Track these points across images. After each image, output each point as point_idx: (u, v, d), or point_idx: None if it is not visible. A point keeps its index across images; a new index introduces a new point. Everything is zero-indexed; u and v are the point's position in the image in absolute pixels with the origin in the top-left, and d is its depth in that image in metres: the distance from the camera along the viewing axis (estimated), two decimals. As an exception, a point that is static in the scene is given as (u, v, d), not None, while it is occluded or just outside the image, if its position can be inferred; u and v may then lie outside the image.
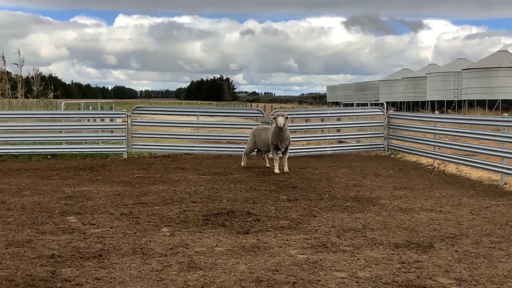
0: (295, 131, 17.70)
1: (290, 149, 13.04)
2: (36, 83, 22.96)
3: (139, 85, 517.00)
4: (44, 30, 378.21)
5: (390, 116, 16.28)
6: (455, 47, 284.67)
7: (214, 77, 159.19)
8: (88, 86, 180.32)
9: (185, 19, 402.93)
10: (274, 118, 12.07)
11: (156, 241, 6.31)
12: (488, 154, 11.69)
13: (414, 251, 6.01)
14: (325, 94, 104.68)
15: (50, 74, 42.79)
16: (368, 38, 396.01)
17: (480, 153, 12.18)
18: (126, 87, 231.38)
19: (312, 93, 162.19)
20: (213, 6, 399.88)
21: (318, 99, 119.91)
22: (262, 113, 15.82)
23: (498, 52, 53.58)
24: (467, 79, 53.13)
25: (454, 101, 55.82)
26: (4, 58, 22.53)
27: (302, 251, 5.97)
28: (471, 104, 50.61)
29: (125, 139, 15.43)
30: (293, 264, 5.49)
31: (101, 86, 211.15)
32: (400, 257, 5.77)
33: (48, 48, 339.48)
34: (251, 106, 53.69)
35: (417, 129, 15.16)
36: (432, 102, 58.78)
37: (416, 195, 9.48)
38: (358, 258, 5.71)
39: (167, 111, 18.56)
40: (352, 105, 45.88)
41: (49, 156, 15.02)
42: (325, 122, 18.29)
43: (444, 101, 56.70)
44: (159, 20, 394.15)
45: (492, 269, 5.41)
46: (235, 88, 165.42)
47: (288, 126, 12.48)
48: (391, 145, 16.06)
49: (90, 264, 5.45)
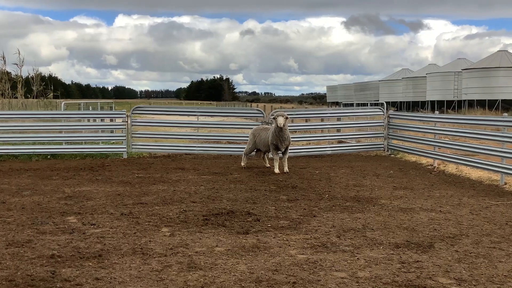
0: (295, 131, 17.70)
1: (290, 149, 13.04)
2: (36, 83, 22.93)
3: (139, 85, 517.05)
4: (44, 30, 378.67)
5: (390, 116, 16.28)
6: (455, 47, 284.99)
7: (214, 77, 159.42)
8: (88, 86, 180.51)
9: (185, 19, 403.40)
10: (274, 118, 12.08)
11: (156, 241, 6.31)
12: (488, 154, 11.69)
13: (414, 251, 6.01)
14: (325, 94, 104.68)
15: (50, 74, 42.79)
16: (368, 38, 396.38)
17: (480, 153, 12.18)
18: (126, 87, 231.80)
19: (312, 93, 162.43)
20: (213, 6, 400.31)
21: (318, 99, 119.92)
22: (262, 113, 15.82)
23: (498, 52, 53.57)
24: (467, 79, 53.13)
25: (454, 101, 55.83)
26: (5, 58, 22.56)
27: (302, 251, 5.97)
28: (471, 104, 50.60)
29: (125, 139, 15.43)
30: (293, 264, 5.49)
31: (101, 86, 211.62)
32: (400, 257, 5.77)
33: (48, 48, 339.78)
34: (251, 106, 53.70)
35: (417, 129, 15.16)
36: (432, 102, 58.78)
37: (416, 195, 9.48)
38: (358, 258, 5.71)
39: (167, 111, 18.56)
40: (352, 105, 45.89)
41: (49, 156, 15.03)
42: (325, 122, 18.29)
43: (444, 101, 56.70)
44: (159, 20, 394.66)
45: (492, 269, 5.41)
46: (235, 88, 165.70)
47: (288, 126, 12.48)
48: (391, 145, 16.06)
49: (90, 264, 5.45)
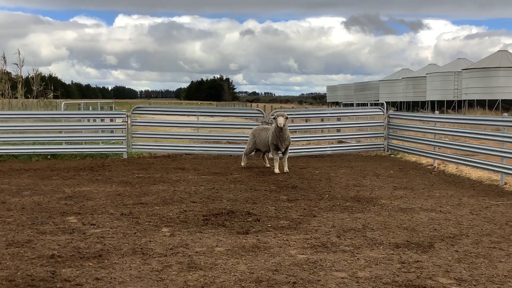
0: (295, 131, 17.70)
1: (290, 149, 13.04)
2: (36, 83, 22.93)
3: (139, 85, 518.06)
4: (44, 30, 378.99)
5: (390, 116, 16.28)
6: (455, 47, 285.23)
7: (214, 77, 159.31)
8: (88, 86, 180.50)
9: (185, 19, 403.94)
10: (274, 118, 12.07)
11: (156, 241, 6.31)
12: (488, 154, 11.69)
13: (414, 251, 6.01)
14: (325, 94, 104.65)
15: (50, 74, 42.79)
16: (368, 38, 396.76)
17: (480, 153, 12.18)
18: (126, 87, 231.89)
19: (312, 93, 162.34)
20: (213, 6, 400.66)
21: (318, 99, 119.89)
22: (262, 113, 15.82)
23: (498, 52, 53.55)
24: (467, 79, 53.12)
25: (454, 101, 55.81)
26: (5, 58, 22.57)
27: (302, 251, 5.97)
28: (471, 104, 50.58)
29: (125, 139, 15.43)
30: (293, 264, 5.49)
31: (101, 86, 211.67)
32: (400, 257, 5.77)
33: (48, 48, 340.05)
34: (251, 106, 53.74)
35: (417, 129, 15.16)
36: (432, 102, 58.77)
37: (416, 195, 9.48)
38: (358, 258, 5.71)
39: (167, 111, 18.55)
40: (352, 105, 45.89)
41: (49, 156, 15.03)
42: (325, 122, 18.29)
43: (444, 101, 56.68)
44: (159, 20, 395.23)
45: (492, 269, 5.41)
46: (235, 88, 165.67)
47: (288, 126, 12.48)
48: (391, 145, 16.06)
49: (90, 264, 5.45)
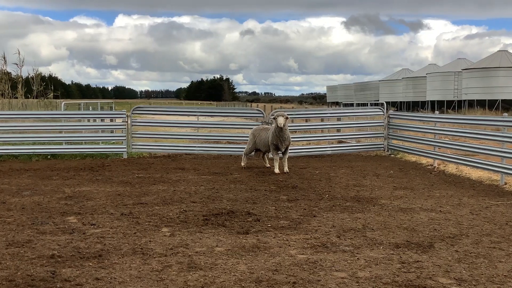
0: (295, 131, 17.70)
1: (290, 149, 13.04)
2: (36, 83, 22.93)
3: (139, 85, 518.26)
4: (44, 30, 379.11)
5: (390, 116, 16.28)
6: (455, 47, 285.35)
7: (214, 77, 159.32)
8: (88, 86, 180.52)
9: (185, 19, 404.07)
10: (274, 118, 12.07)
11: (156, 241, 6.31)
12: (488, 154, 11.69)
13: (414, 251, 6.01)
14: (325, 94, 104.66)
15: (50, 74, 42.77)
16: (368, 38, 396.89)
17: (480, 153, 12.18)
18: (126, 87, 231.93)
19: (312, 93, 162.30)
20: (213, 6, 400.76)
21: (318, 99, 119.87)
22: (262, 113, 15.82)
23: (498, 52, 53.55)
24: (467, 79, 53.12)
25: (454, 101, 55.81)
26: (5, 58, 22.57)
27: (302, 251, 5.97)
28: (471, 104, 50.58)
29: (125, 139, 15.43)
30: (293, 264, 5.49)
31: (101, 86, 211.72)
32: (400, 257, 5.77)
33: (48, 48, 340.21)
34: (251, 106, 53.74)
35: (417, 129, 15.16)
36: (432, 102, 58.77)
37: (416, 195, 9.48)
38: (358, 258, 5.71)
39: (167, 111, 18.55)
40: (352, 105, 45.88)
41: (49, 156, 15.03)
42: (325, 122, 18.30)
43: (444, 101, 56.68)
44: (159, 20, 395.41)
45: (492, 269, 5.41)
46: (235, 88, 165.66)
47: (288, 126, 12.48)
48: (391, 145, 16.06)
49: (90, 264, 5.45)
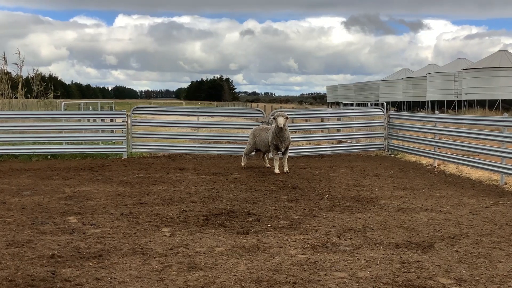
0: (295, 131, 17.70)
1: (290, 149, 13.04)
2: (36, 83, 22.92)
3: (139, 85, 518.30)
4: (44, 30, 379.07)
5: (390, 116, 16.28)
6: (455, 47, 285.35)
7: (214, 77, 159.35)
8: (88, 86, 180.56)
9: (185, 19, 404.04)
10: (274, 118, 12.07)
11: (156, 241, 6.31)
12: (488, 154, 11.69)
13: (414, 251, 6.01)
14: (325, 94, 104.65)
15: (50, 74, 42.73)
16: (368, 38, 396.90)
17: (480, 153, 12.18)
18: (126, 87, 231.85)
19: (312, 93, 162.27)
20: (213, 6, 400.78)
21: (318, 99, 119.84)
22: (262, 113, 15.83)
23: (498, 52, 53.54)
24: (467, 79, 53.12)
25: (454, 101, 55.81)
26: (6, 58, 22.57)
27: (302, 251, 5.97)
28: (471, 104, 50.57)
29: (125, 139, 15.43)
30: (293, 264, 5.49)
31: (101, 86, 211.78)
32: (400, 257, 5.77)
33: (48, 48, 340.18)
34: (251, 106, 53.74)
35: (417, 129, 15.16)
36: (432, 102, 58.77)
37: (416, 195, 9.48)
38: (358, 258, 5.71)
39: (167, 111, 18.55)
40: (352, 105, 45.85)
41: (49, 156, 15.03)
42: (325, 122, 18.30)
43: (444, 101, 56.68)
44: (159, 20, 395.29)
45: (492, 269, 5.41)
46: (235, 88, 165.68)
47: (288, 126, 12.48)
48: (391, 145, 16.06)
49: (90, 264, 5.45)
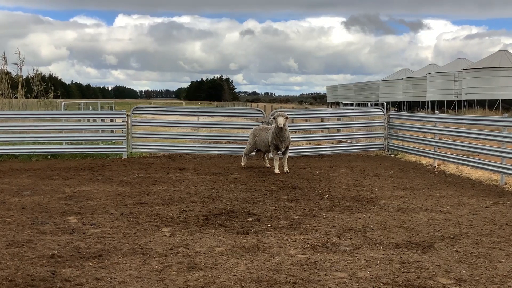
0: (295, 131, 17.70)
1: (290, 149, 13.04)
2: (36, 83, 22.93)
3: (139, 85, 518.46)
4: (44, 30, 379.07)
5: (390, 116, 16.28)
6: (455, 47, 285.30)
7: (214, 77, 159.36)
8: (88, 86, 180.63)
9: (185, 19, 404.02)
10: (274, 118, 12.07)
11: (156, 241, 6.31)
12: (488, 154, 11.69)
13: (414, 251, 6.01)
14: (325, 94, 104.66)
15: (50, 74, 42.79)
16: (368, 38, 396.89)
17: (480, 153, 12.18)
18: (126, 87, 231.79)
19: (312, 93, 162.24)
20: (213, 6, 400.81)
21: (318, 99, 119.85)
22: (262, 113, 15.83)
23: (498, 52, 53.56)
24: (467, 79, 53.13)
25: (454, 101, 55.82)
26: (6, 58, 22.58)
27: (302, 251, 5.97)
28: (471, 104, 50.58)
29: (125, 139, 15.43)
30: (293, 264, 5.49)
31: (101, 86, 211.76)
32: (400, 257, 5.77)
33: (48, 48, 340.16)
34: (251, 106, 53.72)
35: (417, 129, 15.16)
36: (432, 102, 58.78)
37: (416, 195, 9.48)
38: (358, 258, 5.71)
39: (167, 111, 18.54)
40: (352, 105, 45.83)
41: (49, 156, 15.03)
42: (325, 122, 18.29)
43: (444, 101, 56.69)
44: (159, 20, 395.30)
45: (492, 269, 5.41)
46: (235, 88, 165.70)
47: (288, 126, 12.48)
48: (391, 145, 16.06)
49: (90, 264, 5.45)
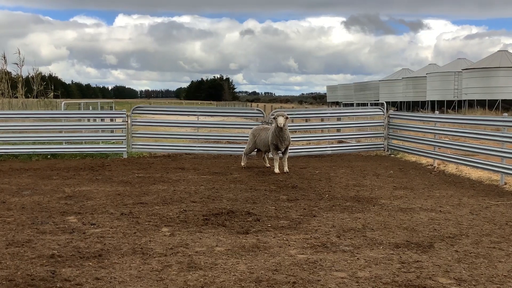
0: (295, 131, 17.70)
1: (290, 149, 13.04)
2: (36, 83, 22.92)
3: (139, 85, 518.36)
4: (44, 30, 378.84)
5: (390, 116, 16.29)
6: (455, 47, 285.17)
7: (214, 77, 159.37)
8: (88, 86, 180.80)
9: (185, 19, 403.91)
10: (274, 118, 12.08)
11: (156, 241, 6.31)
12: (488, 154, 11.69)
13: (414, 251, 6.01)
14: (325, 94, 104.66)
15: (50, 74, 42.67)
16: (368, 38, 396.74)
17: (480, 153, 12.18)
18: (126, 87, 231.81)
19: (312, 93, 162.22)
20: (213, 6, 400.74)
21: (318, 99, 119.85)
22: (262, 113, 15.83)
23: (498, 52, 53.56)
24: (467, 79, 53.13)
25: (454, 101, 55.82)
26: (5, 58, 22.57)
27: (302, 251, 5.97)
28: (471, 104, 50.58)
29: (125, 139, 15.43)
30: (293, 264, 5.49)
31: (101, 86, 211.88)
32: (400, 257, 5.77)
33: (48, 48, 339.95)
34: (251, 106, 53.70)
35: (417, 129, 15.16)
36: (432, 102, 58.78)
37: (416, 195, 9.48)
38: (358, 258, 5.71)
39: (167, 111, 18.55)
40: (352, 105, 45.88)
41: (49, 156, 15.02)
42: (325, 122, 18.29)
43: (444, 101, 56.69)
44: (159, 20, 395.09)
45: (492, 269, 5.41)
46: (235, 88, 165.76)
47: (288, 126, 12.48)
48: (391, 145, 16.06)
49: (90, 264, 5.45)
